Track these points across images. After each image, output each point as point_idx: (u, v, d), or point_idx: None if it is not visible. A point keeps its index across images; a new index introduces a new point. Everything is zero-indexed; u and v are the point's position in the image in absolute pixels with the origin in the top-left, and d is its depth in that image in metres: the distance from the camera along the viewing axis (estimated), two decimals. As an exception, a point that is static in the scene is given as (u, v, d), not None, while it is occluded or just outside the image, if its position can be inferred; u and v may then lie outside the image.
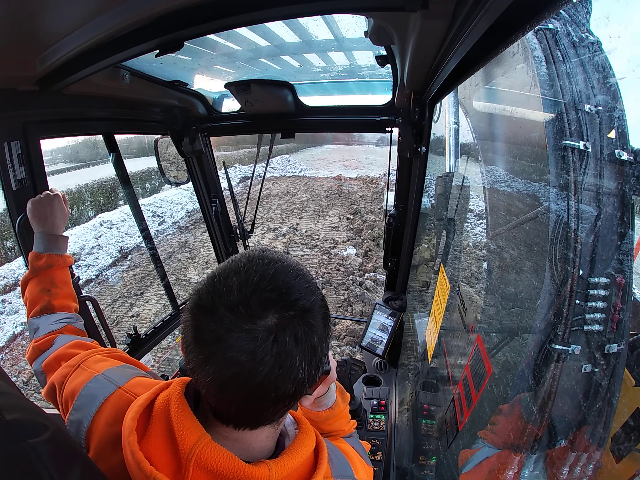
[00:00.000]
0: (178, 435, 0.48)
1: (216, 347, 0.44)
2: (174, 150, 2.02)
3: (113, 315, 6.42)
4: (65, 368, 0.74)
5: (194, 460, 0.47)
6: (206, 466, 0.47)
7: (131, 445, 0.48)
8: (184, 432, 0.48)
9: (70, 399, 0.65)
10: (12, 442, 0.38)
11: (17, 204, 1.14)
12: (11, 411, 0.40)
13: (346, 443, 0.77)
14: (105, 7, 0.68)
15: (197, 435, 0.48)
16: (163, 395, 0.54)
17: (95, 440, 0.58)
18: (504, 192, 1.04)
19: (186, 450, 0.47)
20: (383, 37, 0.92)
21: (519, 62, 0.89)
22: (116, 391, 0.62)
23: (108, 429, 0.57)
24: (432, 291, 1.76)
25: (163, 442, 0.50)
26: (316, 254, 8.64)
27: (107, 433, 0.57)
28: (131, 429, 0.50)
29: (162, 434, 0.50)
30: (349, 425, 0.90)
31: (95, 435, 0.58)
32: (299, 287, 0.47)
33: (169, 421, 0.50)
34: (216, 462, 0.47)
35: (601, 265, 0.70)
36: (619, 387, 0.69)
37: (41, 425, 0.42)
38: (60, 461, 0.42)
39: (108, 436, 0.57)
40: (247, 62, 1.48)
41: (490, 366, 0.89)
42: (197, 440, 0.48)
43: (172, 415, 0.50)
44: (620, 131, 0.72)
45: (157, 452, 0.49)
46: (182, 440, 0.48)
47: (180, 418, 0.50)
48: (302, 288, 0.48)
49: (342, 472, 0.63)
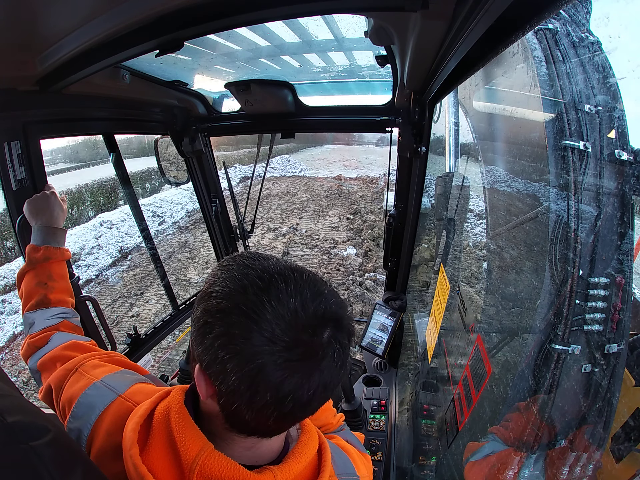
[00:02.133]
0: (180, 445, 0.48)
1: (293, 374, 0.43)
2: (174, 150, 2.02)
3: (113, 315, 6.41)
4: (61, 371, 0.73)
5: (197, 471, 0.46)
6: (210, 476, 0.46)
7: (133, 459, 0.47)
8: (186, 442, 0.48)
9: (68, 406, 0.64)
10: (13, 444, 0.38)
11: (17, 204, 1.14)
12: (13, 413, 0.40)
13: (342, 439, 0.77)
14: (105, 7, 0.68)
15: (199, 445, 0.47)
16: (163, 405, 0.53)
17: (95, 449, 0.57)
18: (504, 192, 1.03)
19: (189, 461, 0.46)
20: (383, 37, 0.92)
21: (519, 62, 0.89)
22: (116, 400, 0.61)
23: (108, 438, 0.56)
24: (432, 291, 1.76)
25: (165, 453, 0.49)
26: (316, 254, 8.64)
27: (107, 442, 0.56)
28: (132, 441, 0.49)
29: (163, 445, 0.49)
30: (335, 418, 0.90)
31: (95, 445, 0.57)
32: (335, 294, 0.49)
33: (169, 431, 0.49)
34: (220, 471, 0.46)
35: (601, 265, 0.70)
36: (619, 387, 0.69)
37: (43, 427, 0.42)
38: (62, 463, 0.41)
39: (108, 445, 0.56)
40: (247, 62, 1.48)
41: (490, 366, 0.89)
42: (200, 450, 0.47)
43: (173, 426, 0.49)
44: (620, 131, 0.72)
45: (159, 464, 0.48)
46: (184, 451, 0.47)
47: (181, 428, 0.49)
48: (336, 294, 0.49)
49: (344, 470, 0.64)
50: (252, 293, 0.44)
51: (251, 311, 0.42)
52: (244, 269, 0.47)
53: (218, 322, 0.44)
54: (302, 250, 8.92)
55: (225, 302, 0.44)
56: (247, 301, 0.43)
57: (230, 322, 0.43)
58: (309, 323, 0.44)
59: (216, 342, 0.43)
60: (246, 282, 0.45)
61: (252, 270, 0.46)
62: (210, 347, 0.44)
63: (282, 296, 0.43)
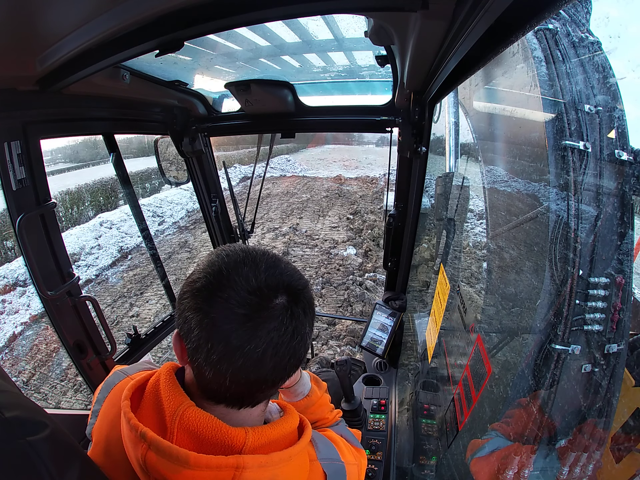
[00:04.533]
0: (165, 401, 0.53)
1: (239, 328, 0.48)
2: (174, 150, 2.01)
3: (113, 315, 6.41)
4: None
5: (178, 422, 0.51)
6: (188, 427, 0.50)
7: (124, 408, 0.53)
8: (169, 398, 0.53)
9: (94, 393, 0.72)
10: (11, 439, 0.38)
11: (17, 204, 1.14)
12: (10, 409, 0.40)
13: (332, 431, 0.79)
14: (105, 7, 0.68)
15: (180, 400, 0.52)
16: (155, 375, 0.59)
17: (98, 420, 0.63)
18: (504, 192, 1.03)
19: (171, 414, 0.51)
20: (383, 37, 0.92)
21: (519, 62, 0.89)
22: (124, 379, 0.68)
23: (111, 408, 0.63)
24: (432, 291, 1.76)
25: (153, 411, 0.54)
26: (316, 253, 8.63)
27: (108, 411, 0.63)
28: (125, 396, 0.55)
29: (152, 404, 0.55)
30: (332, 413, 0.91)
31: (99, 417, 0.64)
32: (294, 271, 0.56)
33: (157, 393, 0.55)
34: (197, 422, 0.50)
35: (601, 265, 0.70)
36: (619, 387, 0.69)
37: (40, 423, 0.42)
38: (59, 459, 0.42)
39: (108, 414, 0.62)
40: (247, 62, 1.48)
41: (490, 366, 0.89)
42: (181, 404, 0.52)
43: (161, 387, 0.55)
44: (620, 131, 0.72)
45: (147, 420, 0.53)
46: (168, 406, 0.52)
47: (167, 388, 0.54)
48: (296, 271, 0.56)
49: (327, 455, 0.65)
50: (217, 265, 0.52)
51: (212, 277, 0.50)
52: (219, 251, 0.55)
53: (189, 289, 0.52)
54: (302, 250, 8.92)
55: (197, 275, 0.52)
56: (211, 271, 0.51)
57: (196, 287, 0.51)
58: (258, 287, 0.50)
59: (186, 306, 0.51)
60: (216, 259, 0.53)
61: (224, 250, 0.55)
62: (183, 312, 0.51)
63: (239, 265, 0.51)
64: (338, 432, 0.81)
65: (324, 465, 0.62)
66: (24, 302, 6.65)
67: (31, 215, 1.17)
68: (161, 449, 0.48)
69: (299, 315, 0.52)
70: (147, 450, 0.48)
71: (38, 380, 4.80)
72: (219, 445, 0.51)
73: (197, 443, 0.51)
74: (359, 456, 0.76)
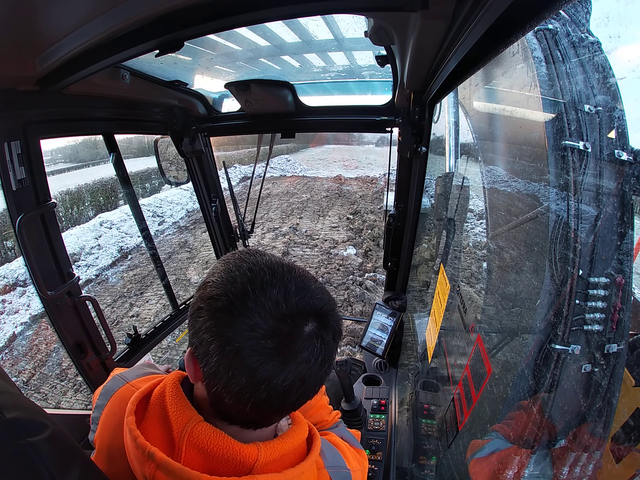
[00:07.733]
0: (172, 416, 0.50)
1: (267, 362, 0.44)
2: (174, 150, 2.01)
3: (113, 315, 6.41)
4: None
5: (187, 439, 0.48)
6: (198, 444, 0.48)
7: (129, 424, 0.51)
8: (177, 413, 0.50)
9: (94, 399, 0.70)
10: (12, 440, 0.38)
11: (17, 204, 1.14)
12: (11, 410, 0.40)
13: (334, 435, 0.78)
14: (105, 7, 0.68)
15: (189, 416, 0.50)
16: (160, 385, 0.57)
17: (98, 429, 0.62)
18: (504, 192, 1.03)
19: (179, 429, 0.49)
20: (383, 37, 0.92)
21: (518, 62, 0.89)
22: (124, 386, 0.66)
23: (111, 417, 0.61)
24: (432, 291, 1.76)
25: (159, 425, 0.52)
26: (316, 254, 8.64)
27: (109, 420, 0.61)
28: (130, 411, 0.53)
29: (157, 417, 0.52)
30: (331, 415, 0.91)
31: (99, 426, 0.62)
32: (323, 291, 0.51)
33: (164, 405, 0.53)
34: (207, 439, 0.48)
35: (601, 265, 0.70)
36: (619, 387, 0.69)
37: (41, 423, 0.42)
38: (60, 460, 0.42)
39: (109, 423, 0.60)
40: (247, 62, 1.48)
41: (490, 366, 0.89)
42: (189, 420, 0.49)
43: (167, 400, 0.53)
44: (620, 131, 0.72)
45: (154, 435, 0.51)
46: (175, 421, 0.50)
47: (173, 401, 0.52)
48: (325, 291, 0.52)
49: (334, 463, 0.64)
50: (239, 282, 0.47)
51: (236, 298, 0.45)
52: (239, 262, 0.50)
53: (207, 307, 0.47)
54: (302, 250, 8.92)
55: (216, 290, 0.47)
56: (234, 289, 0.46)
57: (216, 307, 0.46)
58: (289, 314, 0.45)
59: (203, 326, 0.46)
60: (237, 273, 0.48)
61: (245, 263, 0.49)
62: (199, 331, 0.47)
63: (266, 287, 0.46)
64: (339, 434, 0.81)
65: (331, 473, 0.61)
66: (24, 302, 6.65)
67: (31, 215, 1.17)
68: (171, 471, 0.46)
69: (328, 342, 0.49)
70: (156, 470, 0.47)
71: (38, 380, 4.80)
72: (230, 462, 0.48)
73: (207, 460, 0.48)
74: (362, 460, 0.76)
